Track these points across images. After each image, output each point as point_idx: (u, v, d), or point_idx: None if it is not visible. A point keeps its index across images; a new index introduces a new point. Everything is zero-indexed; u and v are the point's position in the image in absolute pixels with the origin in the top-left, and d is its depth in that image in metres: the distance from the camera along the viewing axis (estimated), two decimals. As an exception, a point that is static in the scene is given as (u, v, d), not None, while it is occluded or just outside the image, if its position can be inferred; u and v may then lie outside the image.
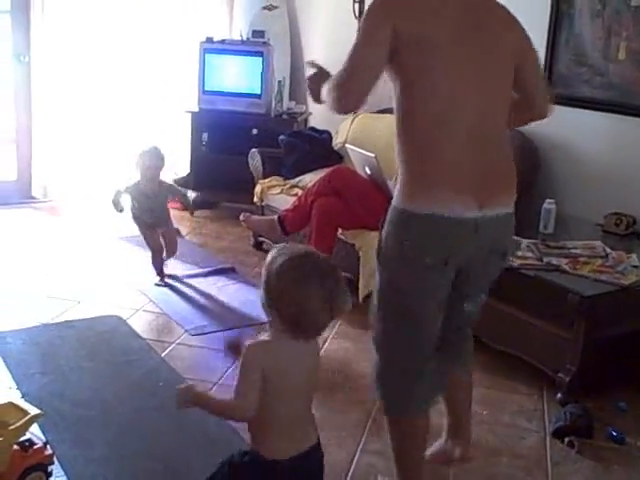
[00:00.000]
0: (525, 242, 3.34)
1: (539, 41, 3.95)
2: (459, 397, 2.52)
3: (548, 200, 3.57)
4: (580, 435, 2.76)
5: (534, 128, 3.99)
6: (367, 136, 4.62)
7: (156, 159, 4.00)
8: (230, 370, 3.17)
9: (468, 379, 2.52)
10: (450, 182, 2.02)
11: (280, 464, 1.74)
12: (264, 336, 1.78)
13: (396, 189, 2.12)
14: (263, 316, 3.74)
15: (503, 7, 2.21)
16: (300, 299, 1.68)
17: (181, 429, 2.69)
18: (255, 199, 4.77)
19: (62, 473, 2.38)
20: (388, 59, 2.02)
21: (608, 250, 3.28)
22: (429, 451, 2.51)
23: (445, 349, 2.31)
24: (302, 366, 1.76)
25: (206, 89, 5.38)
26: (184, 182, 5.59)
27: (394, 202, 2.12)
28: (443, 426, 2.57)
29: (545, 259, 3.16)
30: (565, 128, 3.94)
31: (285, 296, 1.70)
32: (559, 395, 2.99)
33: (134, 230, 4.23)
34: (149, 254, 4.14)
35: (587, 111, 3.83)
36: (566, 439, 2.75)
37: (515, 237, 3.34)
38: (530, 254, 3.22)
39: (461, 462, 2.56)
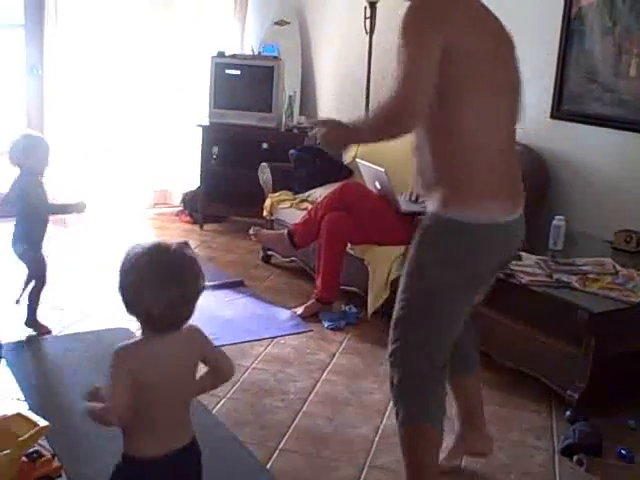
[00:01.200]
0: (534, 258, 3.33)
1: (550, 58, 3.98)
2: (473, 385, 2.60)
3: (558, 217, 3.56)
4: (589, 453, 2.73)
5: (544, 144, 4.02)
6: (377, 151, 4.61)
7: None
8: (238, 384, 3.17)
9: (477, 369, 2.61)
10: (498, 190, 2.13)
11: (150, 462, 1.71)
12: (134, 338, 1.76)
13: (437, 200, 2.13)
14: (272, 330, 3.74)
15: None
16: (139, 299, 1.65)
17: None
18: (265, 213, 4.78)
19: (69, 485, 2.38)
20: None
21: (618, 267, 3.27)
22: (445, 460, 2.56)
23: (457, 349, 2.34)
24: (171, 359, 1.72)
25: (217, 103, 5.41)
26: (194, 195, 5.62)
27: (440, 212, 2.13)
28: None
29: (555, 276, 3.16)
30: (575, 145, 3.94)
31: (128, 296, 1.67)
32: (568, 412, 2.97)
33: (143, 242, 4.23)
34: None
35: (598, 128, 3.83)
36: (575, 457, 2.73)
37: (523, 253, 3.36)
38: (540, 270, 3.21)
39: (482, 456, 2.64)
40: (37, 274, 3.48)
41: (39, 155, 3.35)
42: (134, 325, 3.73)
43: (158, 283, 1.64)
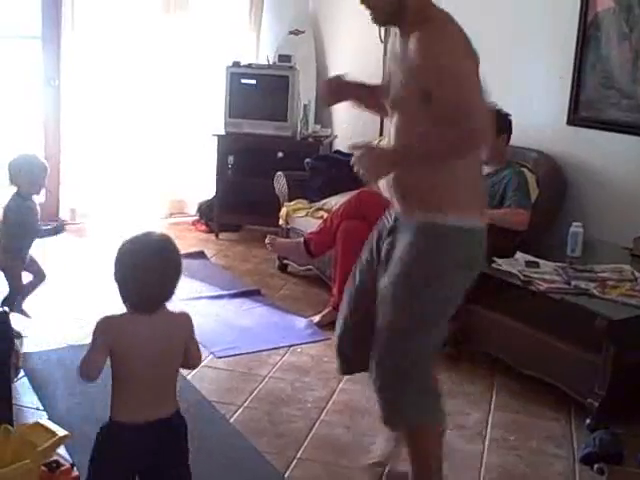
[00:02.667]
0: (552, 265, 3.31)
1: (566, 64, 3.97)
2: None
3: (575, 223, 3.55)
4: (609, 462, 2.71)
5: (561, 151, 4.00)
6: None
7: None
8: (255, 392, 3.17)
9: None
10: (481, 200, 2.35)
11: (125, 427, 1.88)
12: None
13: (439, 209, 2.18)
14: (289, 339, 3.74)
15: None
16: (119, 279, 1.87)
17: (206, 452, 2.67)
18: (280, 222, 4.78)
19: (88, 495, 2.38)
20: None
21: (637, 274, 3.25)
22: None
23: None
24: (149, 337, 1.88)
25: (232, 112, 5.42)
26: (210, 204, 5.64)
27: (441, 221, 2.18)
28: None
29: (573, 282, 3.14)
30: (593, 151, 3.92)
31: (116, 277, 1.88)
32: (588, 420, 2.95)
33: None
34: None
35: (615, 134, 3.81)
36: (595, 466, 2.70)
37: (540, 260, 3.35)
38: (558, 277, 3.20)
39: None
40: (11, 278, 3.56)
41: (34, 175, 3.44)
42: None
43: (135, 269, 1.84)
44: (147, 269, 1.84)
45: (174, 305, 1.94)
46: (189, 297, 4.09)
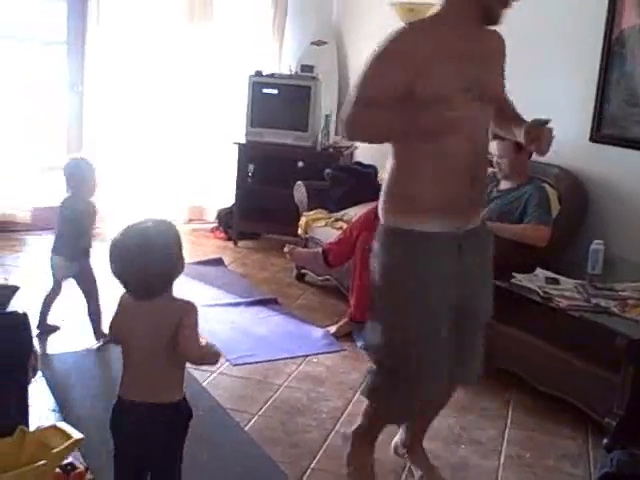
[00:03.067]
0: (573, 283, 3.29)
1: (590, 81, 3.95)
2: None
3: (596, 241, 3.52)
4: (626, 483, 2.68)
5: (584, 168, 3.98)
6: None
7: None
8: (270, 401, 3.17)
9: None
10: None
11: (122, 401, 1.99)
12: None
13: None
14: (305, 349, 3.75)
15: None
16: (114, 271, 1.94)
17: (220, 459, 2.68)
18: (299, 231, 4.78)
19: (101, 498, 2.38)
20: None
21: (658, 293, 3.22)
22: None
23: None
24: (143, 322, 1.96)
25: (254, 121, 5.44)
26: (229, 212, 5.65)
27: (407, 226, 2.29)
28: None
29: (593, 300, 3.11)
30: (615, 168, 3.90)
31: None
32: (605, 440, 2.91)
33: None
34: (191, 281, 4.15)
35: (638, 152, 3.78)
36: (612, 486, 2.67)
37: (560, 277, 3.32)
38: (578, 295, 3.17)
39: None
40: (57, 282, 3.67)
41: (85, 179, 3.54)
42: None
43: (115, 261, 1.93)
44: (124, 260, 1.90)
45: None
46: (206, 304, 4.09)
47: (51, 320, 3.71)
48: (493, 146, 3.90)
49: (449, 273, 2.27)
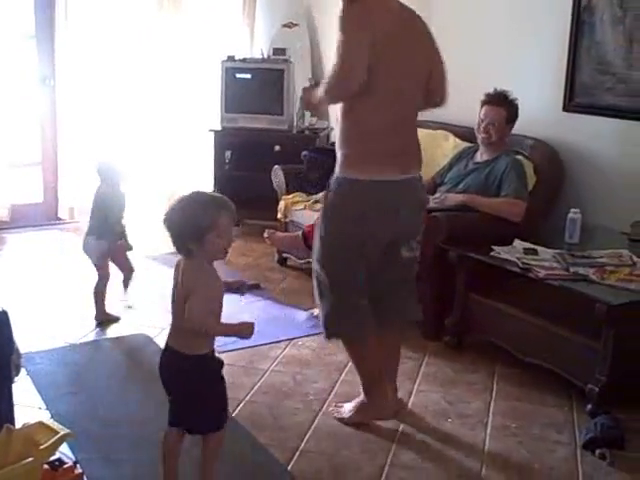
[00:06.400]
0: (551, 252, 3.31)
1: (561, 50, 3.96)
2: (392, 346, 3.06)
3: (573, 210, 3.54)
4: (612, 447, 2.72)
5: (557, 137, 4.00)
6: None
7: None
8: (257, 386, 3.18)
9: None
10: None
11: (166, 342, 2.27)
12: None
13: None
14: (289, 332, 3.75)
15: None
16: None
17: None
18: (279, 215, 4.78)
19: (92, 492, 2.39)
20: None
21: (635, 258, 3.25)
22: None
23: None
24: (176, 278, 2.24)
25: (228, 107, 5.42)
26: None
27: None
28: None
29: (572, 269, 3.14)
30: (589, 137, 3.92)
31: None
32: (589, 406, 2.96)
33: (160, 249, 4.26)
34: (172, 270, 4.13)
35: (611, 119, 3.81)
36: (597, 451, 2.71)
37: (539, 247, 3.34)
38: (556, 264, 3.20)
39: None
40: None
41: (111, 176, 3.80)
42: (152, 331, 3.77)
43: (164, 218, 2.20)
44: (167, 220, 2.17)
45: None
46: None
47: (114, 309, 3.92)
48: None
49: (384, 210, 2.69)
